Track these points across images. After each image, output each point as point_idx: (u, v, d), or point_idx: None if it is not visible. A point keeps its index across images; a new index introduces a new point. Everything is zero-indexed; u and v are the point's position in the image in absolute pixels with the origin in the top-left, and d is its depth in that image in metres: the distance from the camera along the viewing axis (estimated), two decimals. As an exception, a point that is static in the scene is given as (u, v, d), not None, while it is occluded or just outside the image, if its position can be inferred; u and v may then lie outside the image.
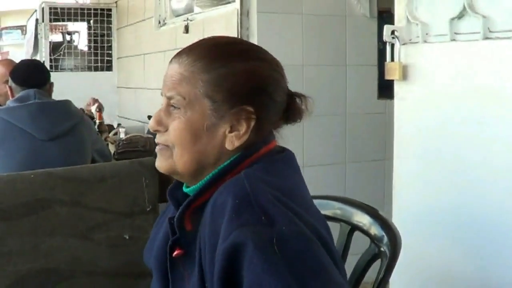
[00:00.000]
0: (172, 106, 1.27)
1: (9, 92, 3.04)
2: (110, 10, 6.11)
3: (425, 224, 2.17)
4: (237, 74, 1.27)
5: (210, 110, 1.25)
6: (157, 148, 1.32)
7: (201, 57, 1.27)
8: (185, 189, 1.34)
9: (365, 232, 1.66)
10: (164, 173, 1.33)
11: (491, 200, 1.92)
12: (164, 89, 1.30)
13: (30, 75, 3.05)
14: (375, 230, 1.62)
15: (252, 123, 1.26)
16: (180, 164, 1.28)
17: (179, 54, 1.30)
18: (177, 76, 1.27)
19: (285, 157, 1.32)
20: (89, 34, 6.20)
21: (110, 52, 6.14)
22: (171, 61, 1.31)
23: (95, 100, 4.30)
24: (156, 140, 1.31)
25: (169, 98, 1.28)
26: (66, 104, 2.98)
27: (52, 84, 3.13)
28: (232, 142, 1.27)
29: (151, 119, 1.31)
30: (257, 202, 1.13)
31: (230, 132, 1.26)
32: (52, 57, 5.93)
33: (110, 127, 4.51)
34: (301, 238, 1.11)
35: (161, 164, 1.31)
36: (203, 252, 1.17)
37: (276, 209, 1.13)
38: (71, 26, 6.27)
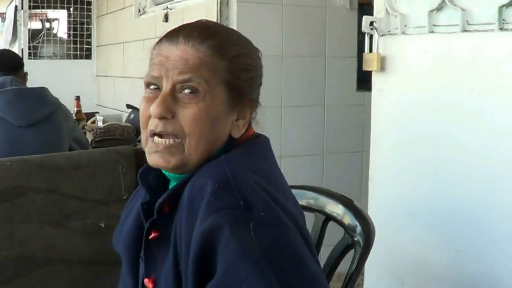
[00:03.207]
0: (188, 90, 1.18)
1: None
2: (90, -3, 6.06)
3: (400, 214, 2.18)
4: (255, 64, 1.28)
5: (226, 98, 1.22)
6: (163, 142, 1.20)
7: (221, 42, 1.22)
8: (169, 175, 1.28)
9: (339, 222, 1.67)
10: (169, 169, 1.23)
11: (465, 191, 1.94)
12: (170, 72, 1.19)
13: (6, 59, 3.07)
14: (349, 220, 1.63)
15: (254, 112, 1.29)
16: (194, 157, 1.20)
17: (187, 36, 1.21)
18: (194, 59, 1.19)
19: (262, 142, 1.32)
20: (69, 22, 6.14)
21: (90, 40, 6.10)
22: (173, 41, 1.21)
23: None
24: (161, 129, 1.19)
25: (183, 82, 1.19)
26: (42, 91, 2.96)
27: (26, 73, 3.16)
28: (239, 130, 1.27)
29: (155, 105, 1.18)
30: (236, 187, 1.12)
31: (236, 120, 1.26)
32: (31, 45, 5.89)
33: (89, 115, 4.49)
34: (279, 225, 1.10)
35: (169, 161, 1.20)
36: (179, 234, 1.17)
37: (255, 195, 1.12)
38: (51, 13, 6.19)
